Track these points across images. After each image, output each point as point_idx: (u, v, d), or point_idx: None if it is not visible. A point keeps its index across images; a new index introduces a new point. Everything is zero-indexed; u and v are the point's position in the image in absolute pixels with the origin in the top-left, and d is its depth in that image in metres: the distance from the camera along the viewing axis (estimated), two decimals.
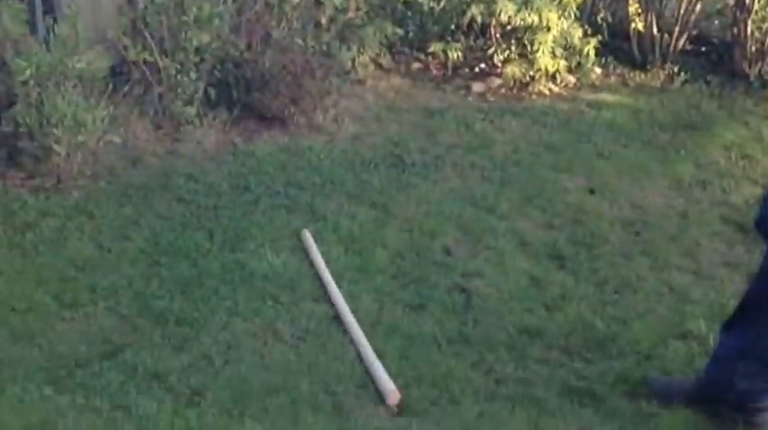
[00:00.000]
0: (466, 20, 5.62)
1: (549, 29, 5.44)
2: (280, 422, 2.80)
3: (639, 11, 6.12)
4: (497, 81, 5.61)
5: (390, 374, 3.03)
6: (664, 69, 5.97)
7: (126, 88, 4.55)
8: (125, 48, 4.59)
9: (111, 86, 4.31)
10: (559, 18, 5.49)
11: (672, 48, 6.00)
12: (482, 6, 5.52)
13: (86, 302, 3.26)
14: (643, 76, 5.98)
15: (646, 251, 4.01)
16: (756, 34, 5.87)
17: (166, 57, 4.62)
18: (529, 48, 5.52)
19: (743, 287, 3.79)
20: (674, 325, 3.50)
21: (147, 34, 4.63)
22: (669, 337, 3.42)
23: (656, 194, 4.54)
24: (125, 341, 3.10)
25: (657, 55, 6.01)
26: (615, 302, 3.63)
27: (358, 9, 5.44)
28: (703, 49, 6.27)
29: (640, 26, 6.07)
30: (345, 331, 3.27)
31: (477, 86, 5.60)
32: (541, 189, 4.48)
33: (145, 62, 4.60)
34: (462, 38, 5.77)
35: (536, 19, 5.39)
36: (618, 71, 6.03)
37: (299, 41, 5.02)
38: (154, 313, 3.25)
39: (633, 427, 2.93)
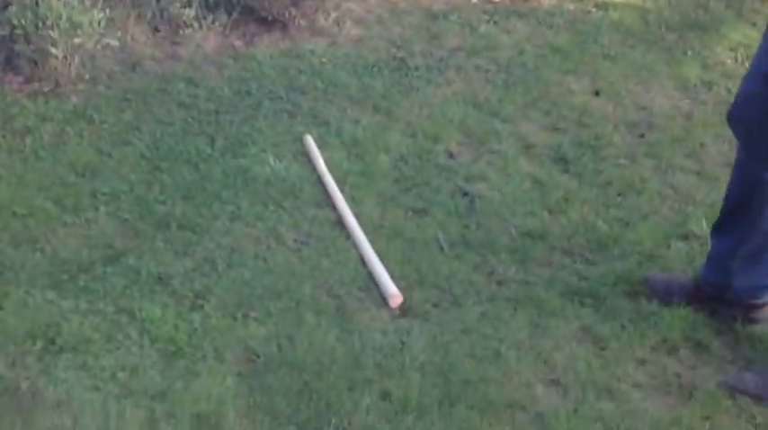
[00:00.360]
0: None
1: None
2: (283, 325, 2.82)
3: None
4: None
5: (393, 277, 3.04)
6: None
7: None
8: None
9: None
10: None
11: None
12: None
13: (88, 207, 3.25)
14: None
15: (650, 153, 3.98)
16: None
17: None
18: None
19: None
20: (676, 225, 3.50)
21: None
22: (671, 238, 3.42)
23: (662, 96, 4.48)
24: (127, 246, 3.10)
25: None
26: (618, 204, 3.62)
27: None
28: None
29: None
30: (348, 235, 3.27)
31: None
32: (546, 91, 4.42)
33: None
34: None
35: None
36: None
37: None
38: (156, 218, 3.24)
39: (633, 326, 2.96)
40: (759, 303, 2.95)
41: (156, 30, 4.49)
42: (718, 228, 2.96)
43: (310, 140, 3.79)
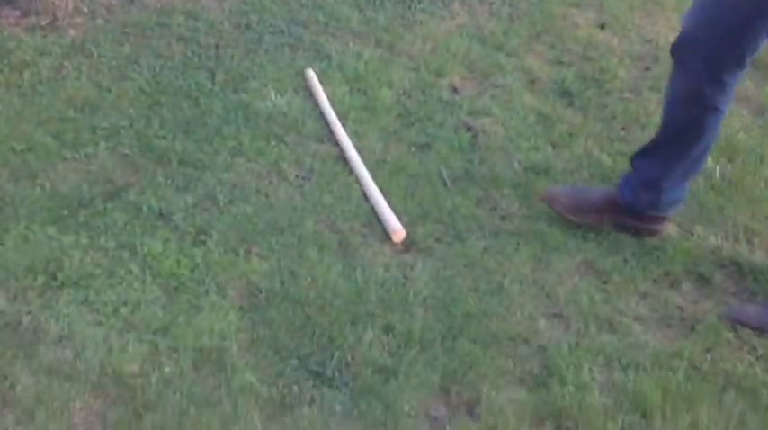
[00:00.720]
0: None
1: None
2: (285, 260, 2.81)
3: None
4: None
5: (396, 212, 3.02)
6: None
7: None
8: None
9: None
10: None
11: None
12: None
13: (87, 142, 3.23)
14: None
15: (655, 86, 3.93)
16: None
17: None
18: None
19: (750, 121, 3.76)
20: None
21: None
22: None
23: (668, 28, 4.41)
24: (128, 181, 3.07)
25: None
26: (622, 138, 3.59)
27: None
28: None
29: None
30: (351, 170, 3.24)
31: None
32: (551, 24, 4.36)
33: None
34: None
35: None
36: None
37: None
38: (156, 153, 3.21)
39: (636, 260, 2.95)
40: (669, 216, 3.05)
41: None
42: (647, 153, 2.98)
43: (312, 75, 3.75)
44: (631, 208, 3.01)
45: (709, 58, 2.71)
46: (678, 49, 2.81)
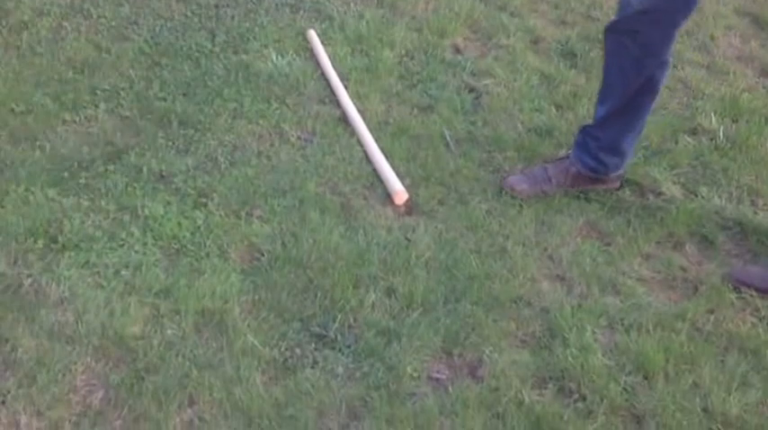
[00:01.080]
0: None
1: None
2: (287, 222, 2.80)
3: None
4: None
5: (398, 174, 3.01)
6: None
7: None
8: None
9: None
10: None
11: None
12: None
13: (87, 104, 3.20)
14: None
15: None
16: None
17: None
18: None
19: (755, 81, 3.73)
20: (685, 119, 3.45)
21: None
22: (680, 132, 3.37)
23: None
24: (128, 143, 3.05)
25: None
26: None
27: None
28: None
29: None
30: (353, 132, 3.22)
31: None
32: None
33: None
34: None
35: None
36: None
37: None
38: (157, 115, 3.19)
39: (639, 221, 2.93)
40: (623, 173, 3.08)
41: None
42: (606, 123, 2.96)
43: (314, 35, 3.71)
44: (595, 173, 3.02)
45: (657, 20, 2.70)
46: (624, 23, 2.80)
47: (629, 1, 2.74)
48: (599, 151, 2.99)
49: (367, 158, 3.10)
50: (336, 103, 3.36)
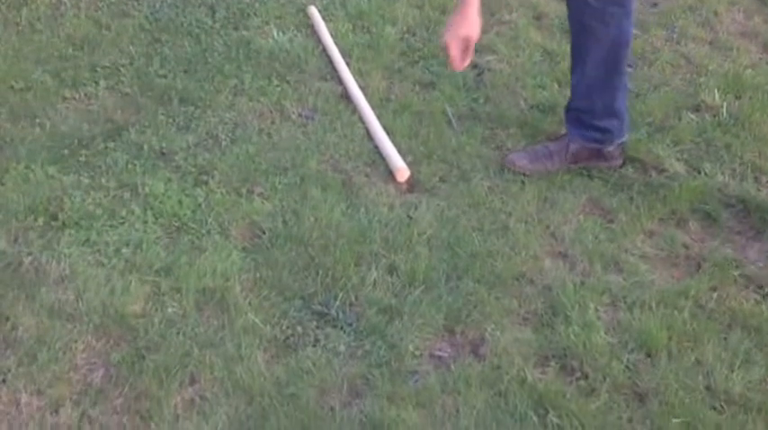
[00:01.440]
0: None
1: None
2: (288, 200, 2.79)
3: None
4: None
5: (400, 151, 2.99)
6: None
7: None
8: None
9: None
10: None
11: None
12: None
13: (87, 81, 3.19)
14: None
15: (662, 22, 3.87)
16: None
17: None
18: None
19: (759, 57, 3.70)
20: (688, 96, 3.42)
21: None
22: (683, 109, 3.34)
23: None
24: (128, 120, 3.04)
25: None
26: (630, 75, 3.51)
27: None
28: None
29: None
30: (354, 109, 3.20)
31: None
32: None
33: None
34: None
35: None
36: None
37: None
38: (157, 92, 3.17)
39: (642, 198, 2.91)
40: (624, 146, 3.05)
41: None
42: (589, 87, 2.95)
43: (315, 11, 3.69)
44: (601, 144, 3.00)
45: None
46: None
47: None
48: (595, 120, 2.97)
49: (369, 135, 3.09)
50: (338, 79, 3.34)
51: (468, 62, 2.66)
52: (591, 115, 2.97)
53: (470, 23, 2.56)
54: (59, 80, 3.17)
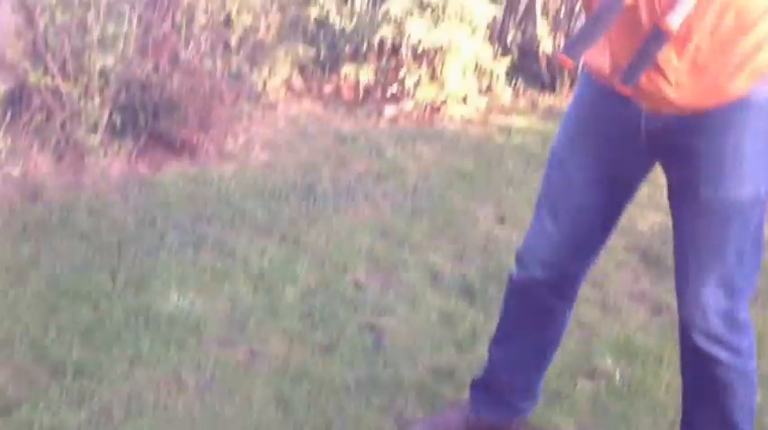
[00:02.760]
0: (377, 40, 5.60)
1: (459, 51, 5.44)
2: None
3: (549, 31, 6.16)
4: (409, 104, 5.58)
5: (298, 424, 2.97)
6: (572, 91, 6.01)
7: (26, 116, 4.39)
8: (25, 72, 4.45)
9: (9, 115, 4.17)
10: (470, 39, 5.50)
11: (580, 69, 6.05)
12: (393, 27, 5.51)
13: None
14: (552, 98, 6.03)
15: None
16: None
17: (69, 81, 4.49)
18: (439, 70, 5.51)
19: (648, 319, 3.85)
20: (582, 361, 3.50)
21: (48, 57, 4.50)
22: (578, 375, 3.42)
23: None
24: (21, 396, 2.96)
25: (566, 77, 6.05)
26: None
27: (269, 29, 5.37)
28: None
29: (549, 47, 6.12)
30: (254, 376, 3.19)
31: (389, 110, 5.56)
32: (452, 219, 4.47)
33: (46, 87, 4.47)
34: (375, 60, 5.73)
35: (446, 40, 5.40)
36: (528, 93, 6.08)
37: (209, 63, 4.94)
38: (51, 363, 3.12)
39: None
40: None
41: (61, 157, 4.42)
42: (516, 363, 2.97)
43: None
44: (509, 422, 3.00)
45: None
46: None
47: None
48: (511, 395, 2.98)
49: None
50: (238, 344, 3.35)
51: None
52: (509, 389, 2.98)
53: None
54: None
